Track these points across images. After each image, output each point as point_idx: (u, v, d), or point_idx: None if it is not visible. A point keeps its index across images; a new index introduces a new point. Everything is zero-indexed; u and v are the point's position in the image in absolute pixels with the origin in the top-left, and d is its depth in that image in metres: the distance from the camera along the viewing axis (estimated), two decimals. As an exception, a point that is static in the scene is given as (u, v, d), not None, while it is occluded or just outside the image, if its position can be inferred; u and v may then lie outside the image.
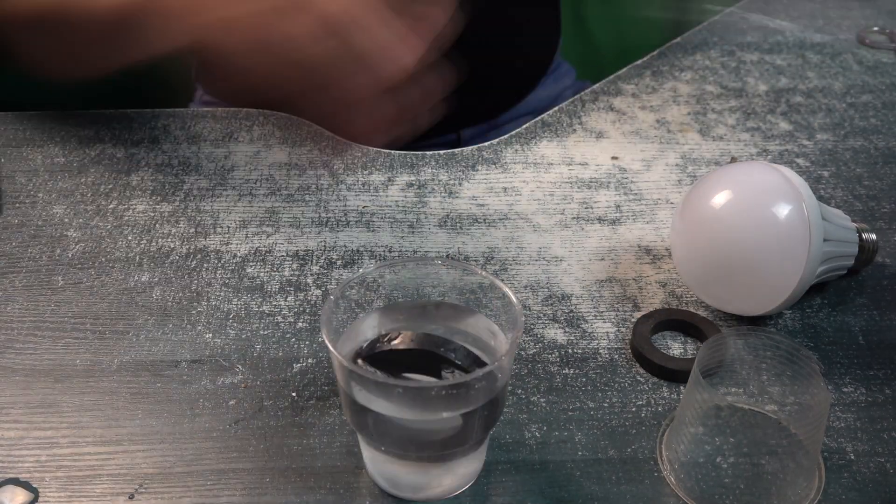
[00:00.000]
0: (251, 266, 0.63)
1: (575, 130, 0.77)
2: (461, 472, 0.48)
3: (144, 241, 0.65)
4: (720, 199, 0.56)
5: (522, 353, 0.56)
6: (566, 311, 0.60)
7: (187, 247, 0.64)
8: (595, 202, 0.69)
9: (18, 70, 0.69)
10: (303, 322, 0.58)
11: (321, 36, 0.53)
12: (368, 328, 0.47)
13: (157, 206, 0.68)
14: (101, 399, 0.53)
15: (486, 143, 0.75)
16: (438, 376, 0.43)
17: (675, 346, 0.57)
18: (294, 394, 0.54)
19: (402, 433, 0.44)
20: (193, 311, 0.59)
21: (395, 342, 0.44)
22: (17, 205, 0.68)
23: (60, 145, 0.74)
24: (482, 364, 0.44)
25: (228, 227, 0.66)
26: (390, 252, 0.64)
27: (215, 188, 0.70)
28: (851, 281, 0.62)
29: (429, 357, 0.43)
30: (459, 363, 0.43)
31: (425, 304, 0.48)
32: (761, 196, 0.55)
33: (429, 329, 0.46)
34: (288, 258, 0.63)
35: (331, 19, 0.53)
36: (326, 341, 0.43)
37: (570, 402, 0.53)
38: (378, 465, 0.48)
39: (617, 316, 0.59)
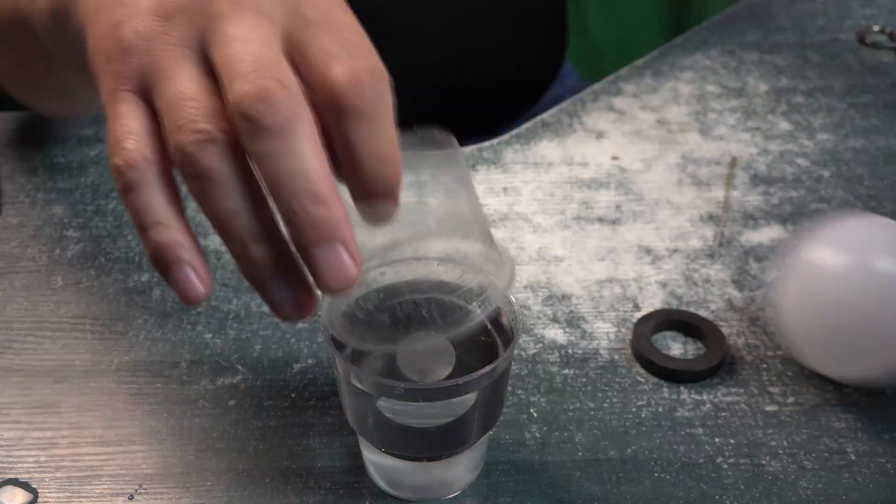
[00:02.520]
0: (251, 266, 0.63)
1: (575, 130, 0.77)
2: (461, 473, 0.48)
3: (144, 241, 0.65)
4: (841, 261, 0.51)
5: (522, 353, 0.56)
6: (566, 311, 0.60)
7: (187, 247, 0.64)
8: (595, 202, 0.69)
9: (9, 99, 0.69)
10: (302, 322, 0.58)
11: None
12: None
13: (157, 206, 0.68)
14: (100, 399, 0.53)
15: (486, 143, 0.75)
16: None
17: (675, 346, 0.57)
18: (294, 394, 0.54)
19: (402, 433, 0.44)
20: (193, 312, 0.59)
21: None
22: (17, 205, 0.68)
23: (60, 145, 0.74)
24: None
25: (228, 227, 0.66)
26: (390, 252, 0.64)
27: (215, 188, 0.70)
28: (852, 281, 0.62)
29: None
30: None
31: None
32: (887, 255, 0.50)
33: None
34: (288, 258, 0.63)
35: None
36: (328, 341, 0.43)
37: (570, 403, 0.53)
38: (378, 465, 0.48)
39: (617, 316, 0.59)
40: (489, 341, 0.46)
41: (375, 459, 0.48)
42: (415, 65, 0.84)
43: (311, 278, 0.36)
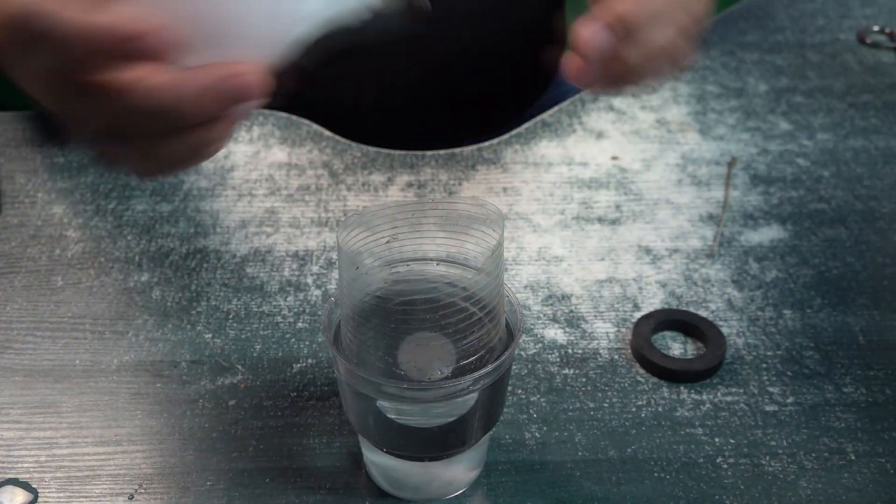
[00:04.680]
0: (251, 266, 0.63)
1: (575, 130, 0.77)
2: (461, 473, 0.48)
3: (144, 241, 0.65)
4: None
5: (522, 353, 0.56)
6: (566, 311, 0.60)
7: (187, 247, 0.64)
8: (595, 202, 0.69)
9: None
10: (302, 322, 0.58)
11: None
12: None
13: (157, 206, 0.68)
14: (100, 399, 0.53)
15: (486, 143, 0.75)
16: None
17: (675, 346, 0.57)
18: (294, 394, 0.54)
19: (404, 433, 0.44)
20: (193, 312, 0.59)
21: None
22: (17, 205, 0.68)
23: (60, 145, 0.74)
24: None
25: (228, 227, 0.66)
26: (390, 252, 0.64)
27: (215, 188, 0.70)
28: (851, 281, 0.62)
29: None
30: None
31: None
32: None
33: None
34: (287, 258, 0.63)
35: None
36: (328, 341, 0.43)
37: (570, 403, 0.53)
38: (379, 465, 0.48)
39: (617, 316, 0.59)
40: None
41: (376, 459, 0.48)
42: (414, 68, 0.84)
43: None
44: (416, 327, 0.42)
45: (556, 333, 0.58)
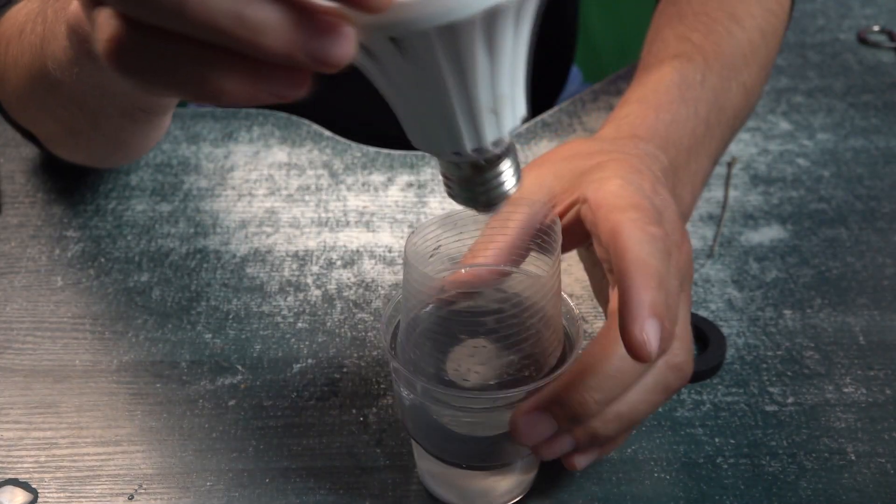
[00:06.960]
0: (251, 266, 0.63)
1: (575, 130, 0.77)
2: (520, 479, 0.48)
3: (144, 242, 0.65)
4: None
5: (522, 353, 0.56)
6: (566, 310, 0.59)
7: (187, 247, 0.64)
8: (595, 202, 0.69)
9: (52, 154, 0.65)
10: (302, 322, 0.58)
11: None
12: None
13: (157, 206, 0.68)
14: (100, 399, 0.53)
15: (486, 143, 0.75)
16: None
17: (676, 347, 0.57)
18: (294, 394, 0.54)
19: (461, 442, 0.44)
20: (193, 312, 0.59)
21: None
22: (17, 205, 0.68)
23: (60, 145, 0.74)
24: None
25: (228, 227, 0.66)
26: (390, 252, 0.64)
27: (215, 188, 0.70)
28: (851, 281, 0.62)
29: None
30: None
31: None
32: None
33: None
34: (287, 258, 0.63)
35: None
36: (386, 349, 0.43)
37: (571, 403, 0.53)
38: (430, 471, 0.48)
39: (617, 316, 0.59)
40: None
41: (427, 466, 0.47)
42: None
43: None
44: (473, 334, 0.41)
45: (556, 333, 0.58)
